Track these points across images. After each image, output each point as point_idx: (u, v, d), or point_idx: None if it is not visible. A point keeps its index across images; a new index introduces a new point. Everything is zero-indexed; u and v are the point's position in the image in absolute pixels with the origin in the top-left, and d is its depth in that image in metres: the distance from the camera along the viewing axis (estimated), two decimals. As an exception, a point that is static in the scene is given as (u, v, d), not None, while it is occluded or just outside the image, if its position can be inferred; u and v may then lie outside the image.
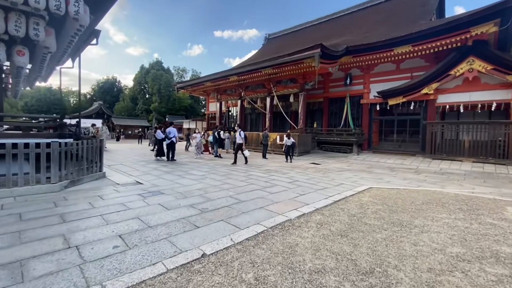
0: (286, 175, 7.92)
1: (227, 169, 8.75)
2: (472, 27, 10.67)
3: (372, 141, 16.67)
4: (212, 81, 19.03)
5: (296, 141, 14.33)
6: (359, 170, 10.27)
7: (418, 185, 7.33)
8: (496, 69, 11.34)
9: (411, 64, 14.78)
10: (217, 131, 13.84)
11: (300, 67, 13.85)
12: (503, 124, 11.28)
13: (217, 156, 13.10)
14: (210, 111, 27.49)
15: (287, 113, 18.13)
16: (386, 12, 21.68)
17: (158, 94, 42.39)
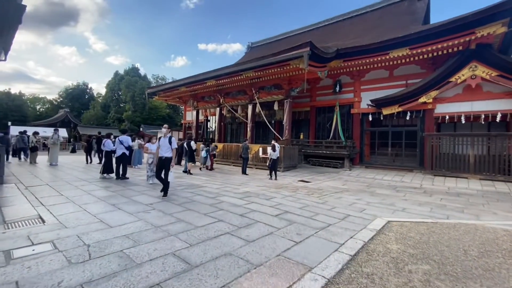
0: (271, 202, 5.82)
1: (191, 193, 6.50)
2: (477, 27, 9.50)
3: (364, 154, 15.10)
4: (187, 85, 16.86)
5: (282, 154, 12.37)
6: (359, 190, 8.42)
7: (443, 214, 5.51)
8: (502, 76, 10.19)
9: (405, 71, 13.56)
10: (186, 141, 11.60)
11: (286, 69, 12.10)
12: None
13: (185, 172, 10.80)
14: (187, 120, 25.11)
15: (270, 122, 16.27)
16: (373, 20, 20.93)
17: (132, 102, 39.33)
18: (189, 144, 11.23)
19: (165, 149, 5.95)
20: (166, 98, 22.69)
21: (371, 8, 22.98)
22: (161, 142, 6.05)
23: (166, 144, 5.98)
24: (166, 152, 5.94)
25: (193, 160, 11.27)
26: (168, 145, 5.98)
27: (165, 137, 6.10)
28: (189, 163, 10.98)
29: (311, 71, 11.87)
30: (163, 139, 6.05)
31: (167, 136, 6.09)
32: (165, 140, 6.01)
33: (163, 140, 6.03)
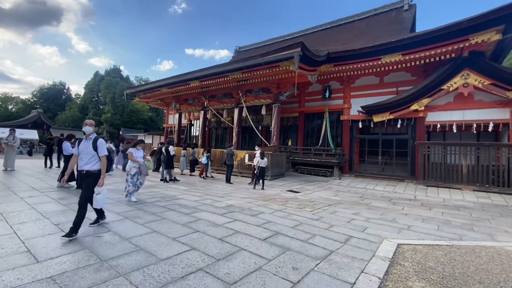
0: (258, 219, 4.90)
1: (162, 208, 5.46)
2: (471, 34, 9.24)
3: (354, 163, 14.56)
4: (169, 86, 15.76)
5: (269, 161, 11.53)
6: (353, 202, 7.69)
7: (454, 233, 4.83)
8: (494, 84, 9.99)
9: (396, 78, 13.26)
10: (164, 146, 10.50)
11: (276, 71, 11.40)
12: (507, 147, 9.74)
13: (162, 180, 9.68)
14: (170, 124, 23.83)
15: (258, 127, 15.46)
16: (361, 28, 20.90)
17: (112, 104, 37.33)
18: (167, 149, 10.13)
19: (87, 158, 3.72)
20: (147, 100, 21.39)
21: (359, 17, 23.03)
22: (82, 147, 3.78)
23: (89, 151, 3.72)
24: (89, 164, 3.71)
25: (171, 166, 10.16)
26: (92, 151, 3.72)
27: (88, 139, 3.80)
28: (166, 170, 9.87)
29: (301, 74, 11.24)
30: (85, 141, 3.81)
31: (90, 138, 3.80)
32: (87, 144, 3.76)
33: (85, 144, 3.78)
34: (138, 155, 6.09)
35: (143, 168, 6.06)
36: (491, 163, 9.99)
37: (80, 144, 3.84)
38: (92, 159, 3.74)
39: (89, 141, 3.78)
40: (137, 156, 6.07)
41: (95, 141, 3.76)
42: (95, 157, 3.76)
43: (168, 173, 9.88)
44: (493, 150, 10.07)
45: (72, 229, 3.40)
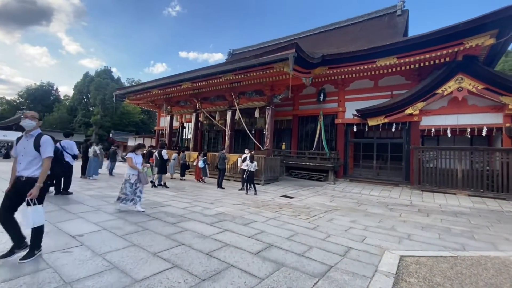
0: (250, 229, 4.55)
1: (146, 216, 5.05)
2: (466, 38, 9.20)
3: (348, 167, 14.36)
4: (160, 87, 15.32)
5: (263, 165, 11.22)
6: (349, 209, 7.42)
7: (456, 242, 4.58)
8: (488, 89, 9.96)
9: (390, 82, 13.18)
10: (158, 150, 10.08)
11: (269, 73, 11.14)
12: (501, 152, 9.68)
13: (160, 185, 9.26)
14: (161, 126, 23.29)
15: (251, 131, 15.14)
16: (355, 33, 20.94)
17: (102, 105, 36.42)
18: (160, 153, 9.73)
19: (26, 161, 2.88)
20: (138, 102, 20.85)
21: (352, 21, 23.12)
22: (20, 146, 2.94)
23: (29, 152, 2.90)
24: (29, 168, 2.88)
25: (164, 171, 9.76)
26: (33, 152, 2.90)
27: (28, 136, 2.96)
28: (158, 175, 9.46)
29: (296, 76, 11.01)
30: (24, 139, 2.96)
31: (32, 135, 2.97)
32: (27, 143, 2.92)
33: (24, 143, 2.93)
34: (137, 161, 5.48)
35: (142, 176, 5.45)
36: (485, 167, 9.91)
37: (18, 143, 2.94)
38: (34, 162, 2.89)
39: (30, 139, 2.92)
40: (136, 163, 5.44)
41: (37, 139, 2.91)
42: (38, 160, 2.90)
43: (158, 178, 9.46)
44: (487, 154, 10.01)
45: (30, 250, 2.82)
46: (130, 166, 5.42)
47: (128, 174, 5.42)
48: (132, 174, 5.41)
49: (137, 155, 5.57)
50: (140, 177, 5.44)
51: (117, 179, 10.77)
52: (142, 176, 5.46)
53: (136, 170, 5.42)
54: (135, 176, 5.41)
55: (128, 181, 5.37)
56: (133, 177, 5.40)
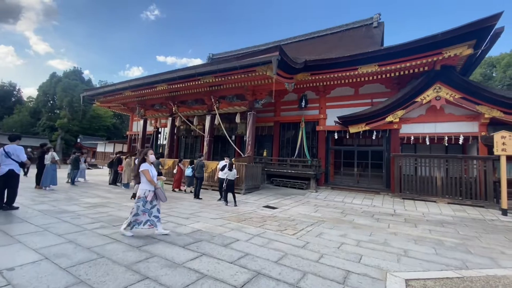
0: (232, 251, 3.87)
1: (105, 238, 4.19)
2: (445, 47, 9.39)
3: (330, 174, 14.15)
4: (133, 89, 14.21)
5: (244, 173, 10.59)
6: (336, 220, 6.99)
7: (454, 258, 4.24)
8: (464, 98, 10.23)
9: (371, 90, 13.27)
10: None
11: (251, 77, 10.64)
12: (479, 160, 9.89)
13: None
14: (134, 131, 21.81)
15: (231, 136, 14.48)
16: (334, 42, 21.29)
17: (70, 108, 33.79)
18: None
19: None
20: (109, 105, 19.36)
21: (332, 31, 23.54)
22: None
23: None
24: None
25: None
26: None
27: None
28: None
29: (278, 81, 10.62)
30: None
31: None
32: None
33: None
34: (154, 174, 4.56)
35: (160, 192, 4.49)
36: (463, 175, 10.07)
37: None
38: None
39: None
40: (153, 176, 4.52)
41: None
42: None
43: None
44: (465, 162, 10.19)
45: None
46: (149, 181, 4.43)
47: (143, 191, 4.43)
48: (149, 190, 4.45)
49: (149, 163, 4.60)
50: (158, 194, 4.47)
51: (78, 190, 9.56)
52: (160, 192, 4.50)
53: (153, 186, 4.49)
54: (151, 193, 4.46)
55: (143, 199, 4.40)
56: (149, 193, 4.45)
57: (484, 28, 8.49)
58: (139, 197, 4.42)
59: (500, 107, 9.60)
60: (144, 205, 4.39)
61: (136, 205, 4.37)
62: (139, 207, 4.36)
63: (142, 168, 4.45)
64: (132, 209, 4.39)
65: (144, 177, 4.43)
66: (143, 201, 4.39)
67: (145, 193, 4.42)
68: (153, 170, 4.58)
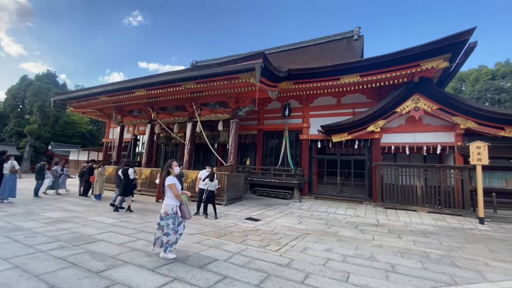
0: (209, 274, 3.45)
1: (59, 262, 3.63)
2: (422, 60, 9.69)
3: (313, 184, 14.03)
4: (109, 94, 13.45)
5: (226, 183, 10.17)
6: (320, 232, 6.74)
7: (442, 273, 4.09)
8: (441, 109, 10.56)
9: (352, 100, 13.46)
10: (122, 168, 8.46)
11: (234, 84, 10.38)
12: (456, 169, 10.15)
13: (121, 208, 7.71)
14: (110, 139, 20.72)
15: (213, 145, 14.03)
16: (316, 53, 21.70)
17: (41, 113, 31.73)
18: (125, 172, 8.21)
19: None
20: (83, 110, 18.27)
21: (314, 42, 24.04)
22: None
23: None
24: None
25: (131, 192, 8.24)
26: None
27: None
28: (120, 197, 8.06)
29: (262, 89, 10.44)
30: None
31: None
32: None
33: None
34: (179, 188, 4.14)
35: (185, 208, 4.09)
36: (442, 184, 10.27)
37: None
38: None
39: None
40: (179, 189, 4.11)
41: None
42: None
43: (121, 200, 8.11)
44: (444, 171, 10.42)
45: None
46: (176, 196, 4.04)
47: (171, 206, 4.02)
48: (176, 206, 4.05)
49: (173, 175, 4.21)
50: (184, 210, 4.03)
51: (41, 202, 8.67)
52: (185, 209, 4.07)
53: (179, 201, 4.06)
54: (175, 207, 4.05)
55: (172, 216, 3.98)
56: (174, 208, 4.03)
57: (459, 42, 8.85)
58: (166, 213, 3.99)
59: (474, 118, 9.98)
60: (173, 222, 3.99)
61: (166, 223, 3.94)
62: (169, 225, 3.94)
63: (168, 182, 4.06)
64: (162, 228, 3.93)
65: (171, 192, 4.01)
66: (172, 218, 3.98)
67: (173, 209, 4.02)
68: (179, 184, 4.17)
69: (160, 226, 3.98)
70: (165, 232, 3.91)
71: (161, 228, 3.96)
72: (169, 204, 4.03)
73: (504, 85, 29.96)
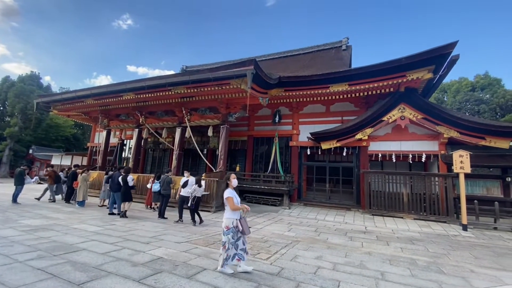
0: (197, 284, 3.34)
1: (38, 273, 3.43)
2: (408, 71, 10.04)
3: (302, 190, 14.08)
4: (96, 97, 13.11)
5: (215, 189, 10.04)
6: (310, 240, 6.73)
7: (430, 280, 4.15)
8: (426, 119, 10.92)
9: (341, 108, 13.72)
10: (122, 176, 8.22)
11: (225, 89, 10.37)
12: (440, 177, 10.45)
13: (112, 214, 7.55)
14: (96, 143, 20.12)
15: (202, 150, 13.88)
16: (306, 61, 22.10)
17: (22, 115, 30.51)
18: (125, 179, 8.01)
19: None
20: (68, 113, 17.72)
21: (304, 51, 24.49)
22: None
23: None
24: None
25: (130, 198, 8.01)
26: None
27: None
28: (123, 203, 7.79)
29: (253, 95, 10.50)
30: None
31: None
32: None
33: None
34: (238, 200, 3.99)
35: (244, 222, 3.94)
36: (427, 192, 10.53)
37: None
38: None
39: None
40: (237, 202, 3.95)
41: None
42: None
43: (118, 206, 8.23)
44: (429, 179, 10.71)
45: None
46: (233, 210, 3.89)
47: (231, 220, 3.88)
48: (236, 219, 3.90)
49: (232, 188, 4.06)
50: (242, 224, 3.87)
51: (20, 209, 8.25)
52: (244, 223, 3.92)
53: (238, 214, 3.91)
54: (235, 220, 3.89)
55: (233, 230, 3.84)
56: (237, 222, 3.89)
57: (442, 55, 9.24)
58: (227, 227, 3.85)
59: (457, 128, 10.37)
60: (233, 236, 3.85)
61: (227, 237, 3.82)
62: (229, 239, 3.82)
63: (226, 196, 3.95)
64: (224, 244, 3.82)
65: (228, 205, 3.91)
66: (233, 232, 3.85)
67: (233, 223, 3.88)
68: (237, 197, 4.03)
69: (223, 243, 3.86)
70: (227, 248, 3.80)
71: (223, 244, 3.85)
72: (229, 217, 3.89)
73: (483, 97, 31.46)
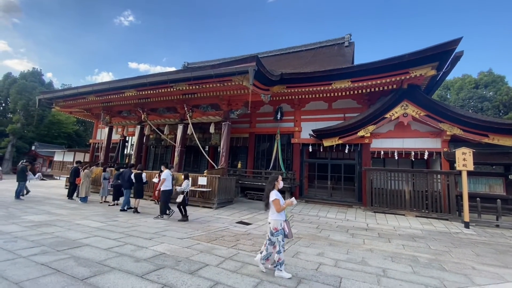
0: (199, 280, 3.36)
1: (41, 268, 3.46)
2: (411, 68, 9.95)
3: (304, 187, 14.08)
4: (98, 94, 13.13)
5: (217, 186, 10.07)
6: (311, 236, 6.74)
7: (432, 277, 4.15)
8: (429, 116, 10.84)
9: (343, 105, 13.65)
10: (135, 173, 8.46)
11: (227, 86, 10.34)
12: (443, 174, 10.41)
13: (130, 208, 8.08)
14: (98, 139, 20.18)
15: (204, 147, 13.88)
16: (308, 58, 21.97)
17: (25, 112, 30.63)
18: (139, 176, 8.37)
19: None
20: (69, 110, 17.74)
21: (306, 48, 24.33)
22: None
23: None
24: None
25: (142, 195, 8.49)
26: None
27: None
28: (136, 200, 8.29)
29: (255, 92, 10.44)
30: None
31: None
32: None
33: None
34: (282, 202, 3.91)
35: (288, 225, 3.93)
36: (429, 189, 10.49)
37: None
38: None
39: None
40: (283, 204, 3.89)
41: None
42: None
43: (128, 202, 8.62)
44: (431, 177, 10.66)
45: None
46: (279, 211, 3.84)
47: (279, 222, 3.83)
48: (283, 221, 3.87)
49: (277, 191, 4.01)
50: (288, 227, 3.89)
51: (23, 205, 8.31)
52: (289, 226, 3.92)
53: (284, 215, 3.89)
54: (281, 221, 3.85)
55: (281, 232, 3.81)
56: (281, 224, 3.84)
57: (446, 51, 9.14)
58: (276, 229, 3.80)
59: (460, 125, 10.29)
60: (283, 238, 3.83)
61: (277, 239, 3.77)
62: (280, 241, 3.77)
63: (272, 198, 3.87)
64: (273, 244, 3.78)
65: (273, 207, 3.85)
66: (282, 234, 3.81)
67: (281, 224, 3.84)
68: (283, 200, 3.97)
69: (271, 242, 3.81)
70: (278, 250, 3.75)
71: (272, 244, 3.80)
72: (277, 219, 3.84)
73: (487, 94, 31.19)
